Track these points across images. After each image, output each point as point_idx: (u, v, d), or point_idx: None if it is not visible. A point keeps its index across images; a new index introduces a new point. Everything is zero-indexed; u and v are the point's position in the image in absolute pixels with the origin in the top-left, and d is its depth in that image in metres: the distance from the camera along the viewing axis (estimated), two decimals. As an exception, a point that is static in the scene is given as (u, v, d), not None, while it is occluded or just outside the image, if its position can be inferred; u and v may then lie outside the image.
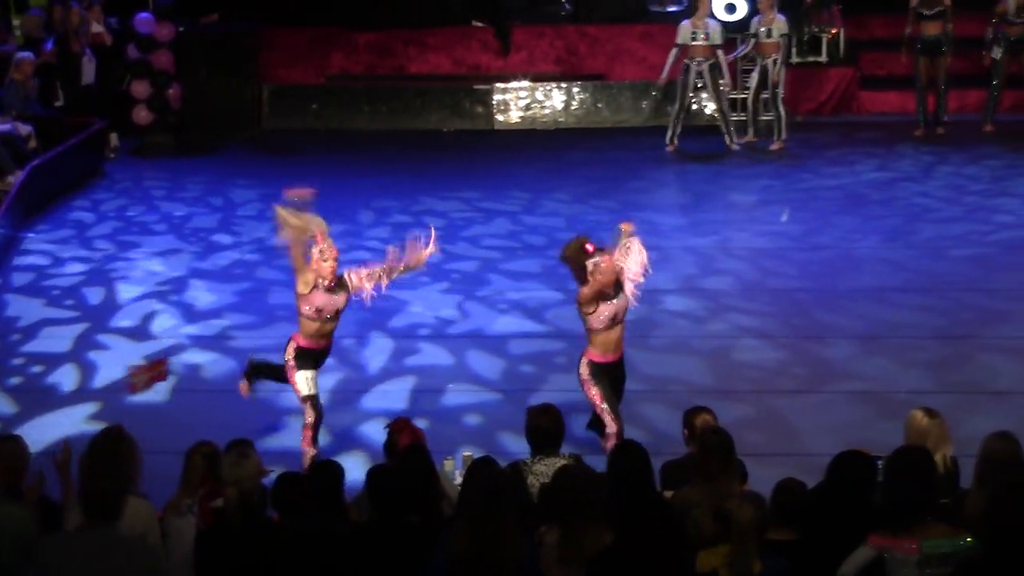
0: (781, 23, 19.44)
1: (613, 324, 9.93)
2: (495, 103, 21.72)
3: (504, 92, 21.75)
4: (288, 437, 10.60)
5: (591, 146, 20.34)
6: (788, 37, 19.67)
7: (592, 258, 9.81)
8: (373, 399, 11.55)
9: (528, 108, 21.69)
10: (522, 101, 21.71)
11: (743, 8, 20.42)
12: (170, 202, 17.76)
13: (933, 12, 19.68)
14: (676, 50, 19.24)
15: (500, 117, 21.69)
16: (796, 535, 7.33)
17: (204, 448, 8.08)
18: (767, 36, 19.40)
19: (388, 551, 7.20)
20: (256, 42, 21.82)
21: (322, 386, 10.45)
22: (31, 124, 17.75)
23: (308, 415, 10.06)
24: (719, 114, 19.67)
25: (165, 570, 7.32)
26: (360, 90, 21.98)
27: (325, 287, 10.00)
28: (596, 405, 10.00)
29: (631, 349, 10.25)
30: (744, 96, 20.28)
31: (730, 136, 19.62)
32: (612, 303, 9.87)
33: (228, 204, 17.64)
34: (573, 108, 21.71)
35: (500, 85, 21.78)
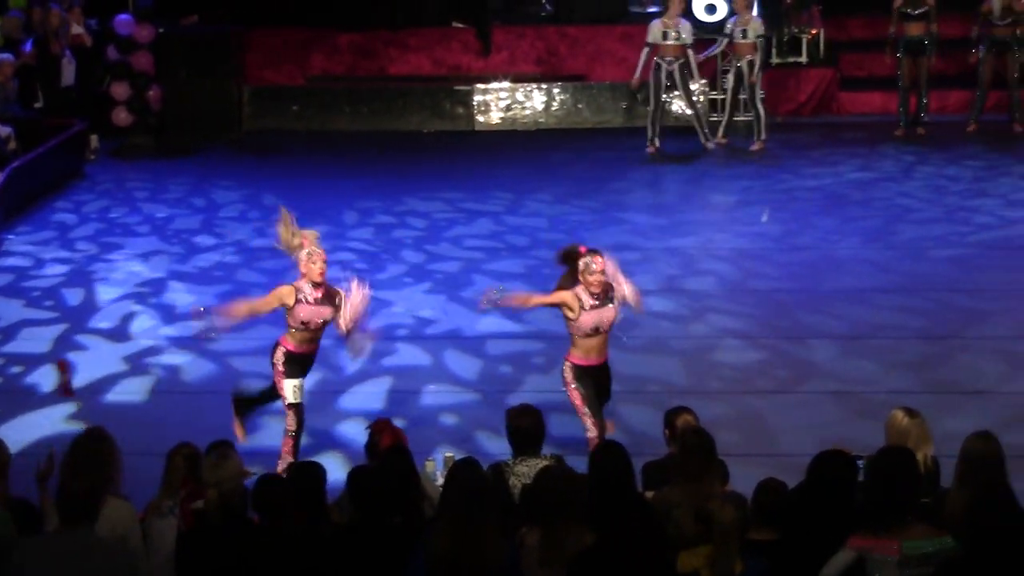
0: (757, 24, 19.41)
1: (596, 333, 9.92)
2: (476, 104, 21.69)
3: (485, 93, 21.71)
4: (268, 437, 10.57)
5: (572, 147, 20.32)
6: (765, 38, 19.63)
7: (584, 258, 9.82)
8: (351, 399, 11.53)
9: (509, 109, 21.67)
10: (503, 102, 21.68)
11: (723, 9, 20.41)
12: (152, 203, 17.70)
13: (917, 13, 19.66)
14: (647, 49, 19.21)
15: (481, 118, 21.65)
16: (777, 535, 7.33)
17: (185, 449, 8.08)
18: (742, 37, 19.36)
19: (369, 552, 7.20)
20: (236, 43, 21.75)
21: (300, 387, 10.41)
22: (11, 126, 17.69)
23: (291, 423, 10.01)
24: (692, 114, 19.61)
25: (145, 572, 7.30)
26: (341, 91, 21.92)
27: (311, 299, 9.92)
28: (577, 408, 10.00)
29: (612, 349, 10.23)
30: (723, 97, 20.29)
31: (705, 136, 19.58)
32: (596, 312, 9.84)
33: (211, 205, 17.60)
34: (554, 109, 21.68)
35: (481, 86, 21.75)
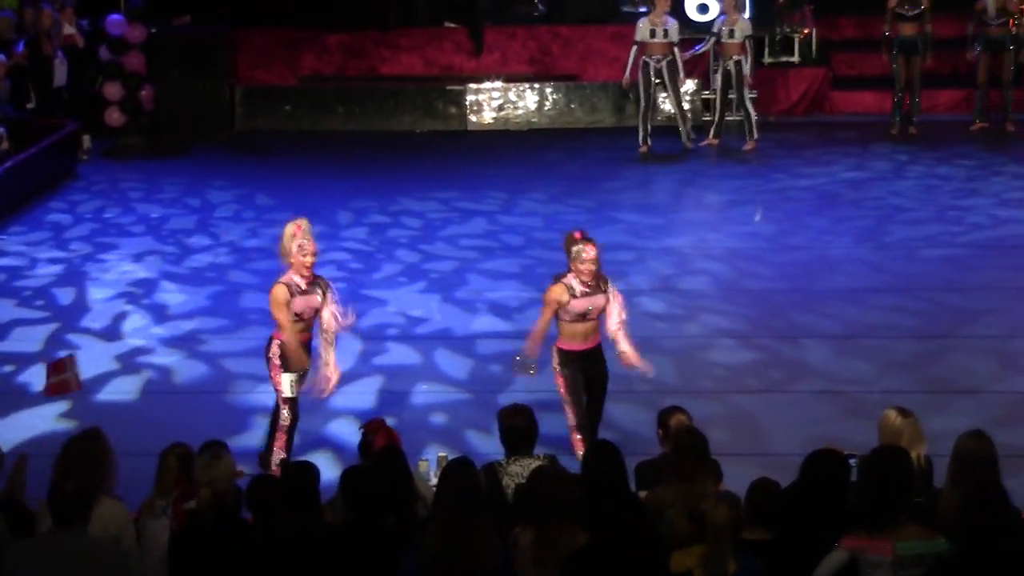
0: (745, 24, 19.40)
1: (583, 319, 9.92)
2: (468, 104, 21.69)
3: (477, 93, 21.71)
4: (259, 436, 10.53)
5: (565, 146, 20.31)
6: (752, 39, 19.59)
7: (577, 244, 9.83)
8: (341, 399, 11.50)
9: (501, 109, 21.67)
10: (495, 102, 21.68)
11: (715, 8, 20.37)
12: (147, 204, 17.67)
13: (912, 14, 19.64)
14: (636, 48, 19.22)
15: (473, 118, 21.65)
16: (771, 535, 7.33)
17: (178, 449, 8.06)
18: (729, 37, 19.34)
19: (363, 552, 7.19)
20: (228, 43, 21.74)
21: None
22: (3, 126, 17.66)
23: (285, 417, 9.98)
24: (676, 112, 19.58)
25: (139, 572, 7.30)
26: (333, 91, 21.92)
27: (300, 291, 9.92)
28: (560, 395, 10.03)
29: (606, 350, 10.22)
30: (712, 96, 20.28)
31: (687, 135, 19.55)
32: (587, 299, 9.85)
33: (205, 206, 17.57)
34: (546, 109, 21.68)
35: (473, 86, 21.75)
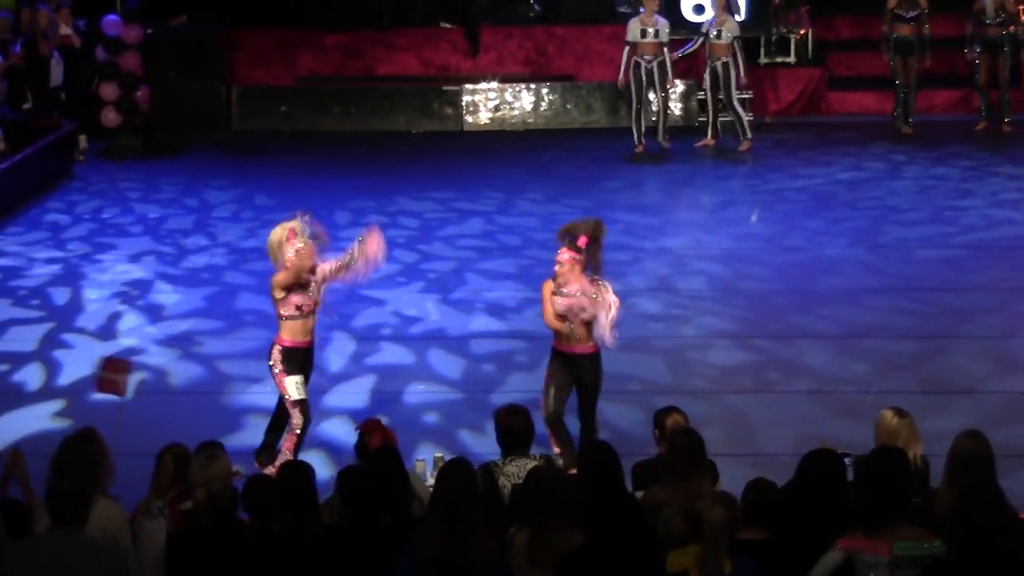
0: (732, 25, 19.37)
1: (563, 319, 9.90)
2: (464, 104, 21.67)
3: (473, 93, 21.70)
4: (255, 436, 10.50)
5: (561, 147, 20.30)
6: (741, 39, 19.55)
7: (561, 247, 9.87)
8: (334, 398, 11.51)
9: (497, 109, 21.66)
10: (491, 102, 21.67)
11: (711, 9, 20.36)
12: (145, 204, 17.64)
13: (911, 16, 19.62)
14: (628, 48, 19.22)
15: (469, 118, 21.64)
16: (767, 535, 7.34)
17: (174, 450, 8.06)
18: (717, 37, 19.33)
19: (359, 552, 7.20)
20: (225, 44, 21.72)
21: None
22: (0, 127, 17.67)
23: (296, 419, 9.89)
24: (659, 110, 19.49)
25: (135, 572, 7.30)
26: (329, 91, 21.90)
27: (299, 285, 9.90)
28: None
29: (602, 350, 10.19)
30: (705, 97, 20.26)
31: (663, 134, 19.46)
32: (565, 300, 9.84)
33: (204, 206, 17.54)
34: (542, 109, 21.68)
35: (469, 86, 21.73)
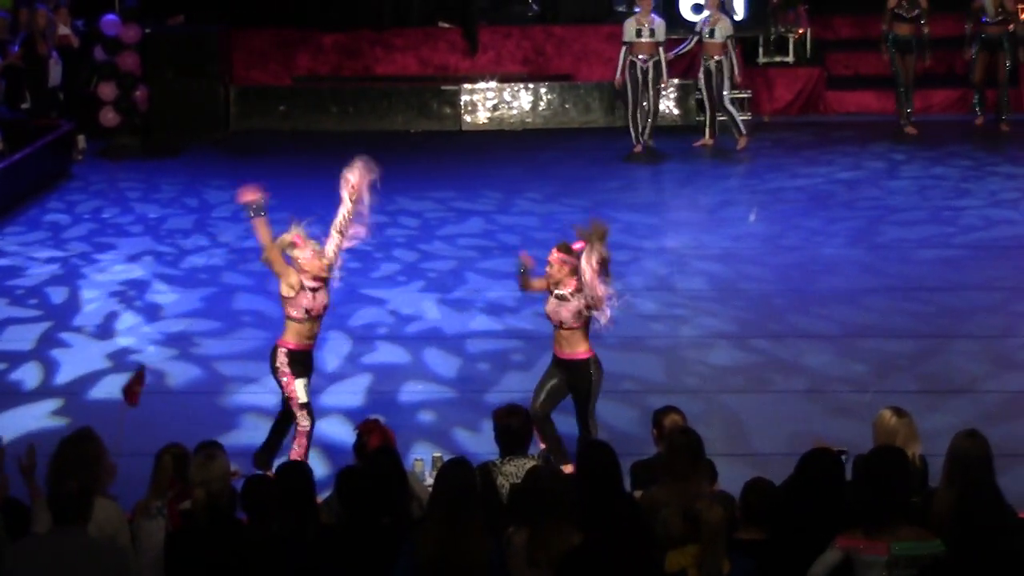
0: (726, 24, 19.33)
1: (551, 321, 9.92)
2: (463, 104, 21.67)
3: (471, 93, 21.70)
4: (255, 436, 10.50)
5: (560, 146, 20.30)
6: (735, 39, 19.54)
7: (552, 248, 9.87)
8: (330, 398, 11.51)
9: (496, 109, 21.66)
10: (490, 102, 21.67)
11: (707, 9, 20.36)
12: (145, 204, 17.63)
13: (910, 15, 19.60)
14: (624, 48, 19.21)
15: (468, 118, 21.64)
16: (765, 535, 7.34)
17: (173, 450, 8.06)
18: (710, 36, 19.33)
19: (358, 552, 7.20)
20: (223, 43, 21.72)
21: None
22: (-2, 127, 17.71)
23: (304, 422, 9.81)
24: (650, 108, 19.38)
25: (135, 572, 7.30)
26: (327, 91, 21.90)
27: (310, 288, 9.85)
28: None
29: (601, 349, 10.18)
30: (702, 97, 20.25)
31: (649, 132, 19.32)
32: (552, 302, 9.82)
33: (203, 206, 17.53)
34: (541, 109, 21.68)
35: (467, 86, 21.73)
